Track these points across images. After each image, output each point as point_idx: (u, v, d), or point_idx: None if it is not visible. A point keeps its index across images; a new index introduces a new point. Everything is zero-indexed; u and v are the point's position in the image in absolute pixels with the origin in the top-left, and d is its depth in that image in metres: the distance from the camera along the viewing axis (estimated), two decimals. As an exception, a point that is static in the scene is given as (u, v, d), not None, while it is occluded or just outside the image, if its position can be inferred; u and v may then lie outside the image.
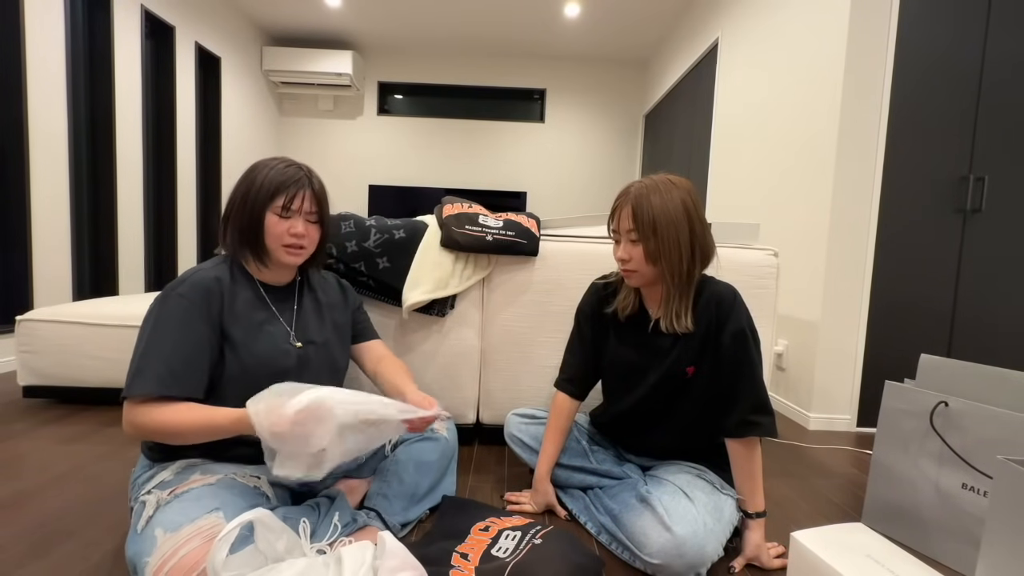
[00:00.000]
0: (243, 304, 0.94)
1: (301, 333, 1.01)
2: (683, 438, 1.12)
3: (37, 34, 2.35)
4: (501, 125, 4.81)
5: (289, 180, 0.93)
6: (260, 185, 0.92)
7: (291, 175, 0.94)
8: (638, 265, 1.01)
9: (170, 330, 0.85)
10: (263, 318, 0.96)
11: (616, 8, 3.71)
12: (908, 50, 1.82)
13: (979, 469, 1.00)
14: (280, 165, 0.95)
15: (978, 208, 1.86)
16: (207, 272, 0.92)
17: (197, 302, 0.88)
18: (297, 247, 0.95)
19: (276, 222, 0.93)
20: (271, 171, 0.93)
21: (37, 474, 1.30)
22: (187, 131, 3.47)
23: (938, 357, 1.16)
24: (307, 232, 0.96)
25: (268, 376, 0.89)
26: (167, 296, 0.87)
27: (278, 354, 0.95)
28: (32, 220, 2.35)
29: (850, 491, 1.40)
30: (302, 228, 0.94)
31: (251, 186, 0.93)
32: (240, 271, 0.97)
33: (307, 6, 3.90)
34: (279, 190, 0.92)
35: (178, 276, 0.91)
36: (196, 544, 0.72)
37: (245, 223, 0.92)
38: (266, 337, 0.95)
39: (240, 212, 0.93)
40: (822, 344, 1.93)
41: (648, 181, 1.01)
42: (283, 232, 0.93)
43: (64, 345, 1.78)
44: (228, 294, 0.92)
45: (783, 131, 2.27)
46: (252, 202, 0.92)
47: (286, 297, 1.02)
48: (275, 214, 0.92)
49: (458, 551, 0.88)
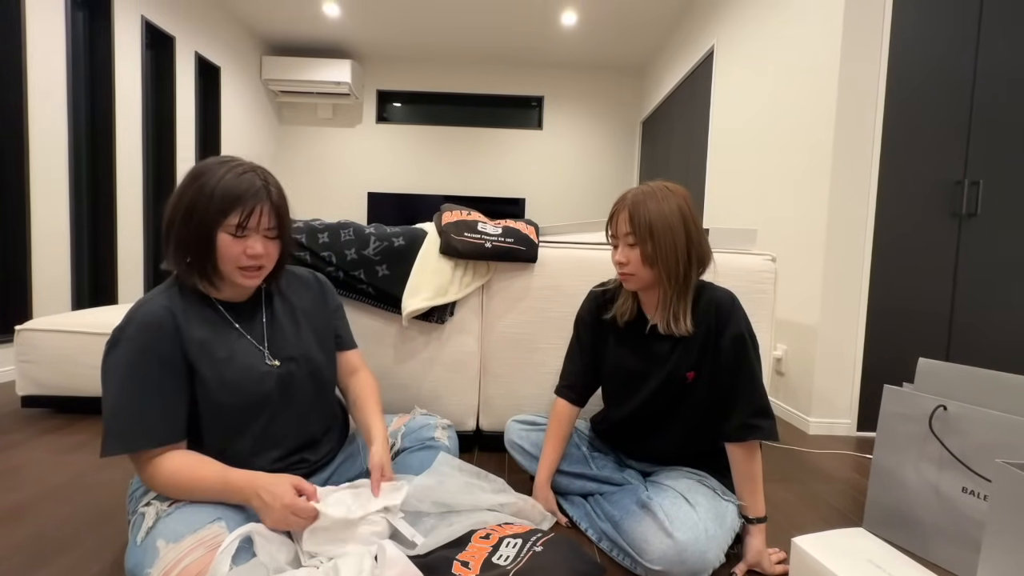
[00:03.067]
0: (203, 332, 0.85)
1: (276, 350, 0.92)
2: (683, 444, 1.12)
3: (38, 44, 2.36)
4: (499, 132, 4.84)
5: (245, 192, 0.80)
6: (210, 195, 0.79)
7: (246, 185, 0.81)
8: (635, 268, 1.02)
9: (125, 382, 0.78)
10: (229, 343, 0.87)
11: (612, 16, 3.74)
12: (902, 56, 1.85)
13: (979, 473, 1.00)
14: (232, 173, 0.81)
15: (973, 212, 1.87)
16: (155, 303, 0.82)
17: (149, 344, 0.79)
18: (255, 268, 0.85)
19: (230, 242, 0.81)
20: (222, 179, 0.80)
21: (35, 485, 1.29)
22: (187, 140, 3.48)
23: (936, 361, 1.17)
24: (266, 250, 0.84)
25: (248, 407, 0.87)
26: (116, 342, 0.80)
27: (253, 381, 0.87)
28: (32, 229, 2.36)
29: (851, 496, 1.39)
30: (260, 248, 0.83)
31: (199, 195, 0.79)
32: (192, 292, 0.87)
33: (306, 16, 3.93)
34: (233, 204, 0.79)
35: (126, 313, 0.82)
36: (199, 554, 0.71)
37: (191, 241, 0.80)
38: (237, 364, 0.86)
39: (185, 227, 0.80)
40: (821, 349, 1.93)
41: (645, 187, 1.02)
42: (239, 254, 0.82)
43: (63, 355, 1.77)
44: (184, 325, 0.83)
45: (780, 137, 2.29)
46: (201, 217, 0.79)
47: (252, 313, 0.93)
48: (228, 233, 0.80)
49: (459, 559, 0.87)
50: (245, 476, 0.81)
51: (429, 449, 1.14)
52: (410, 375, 1.49)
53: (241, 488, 0.80)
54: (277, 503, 0.78)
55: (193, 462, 0.82)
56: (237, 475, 0.81)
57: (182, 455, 0.82)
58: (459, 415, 1.52)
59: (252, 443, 0.89)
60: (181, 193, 0.81)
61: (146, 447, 0.80)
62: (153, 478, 0.80)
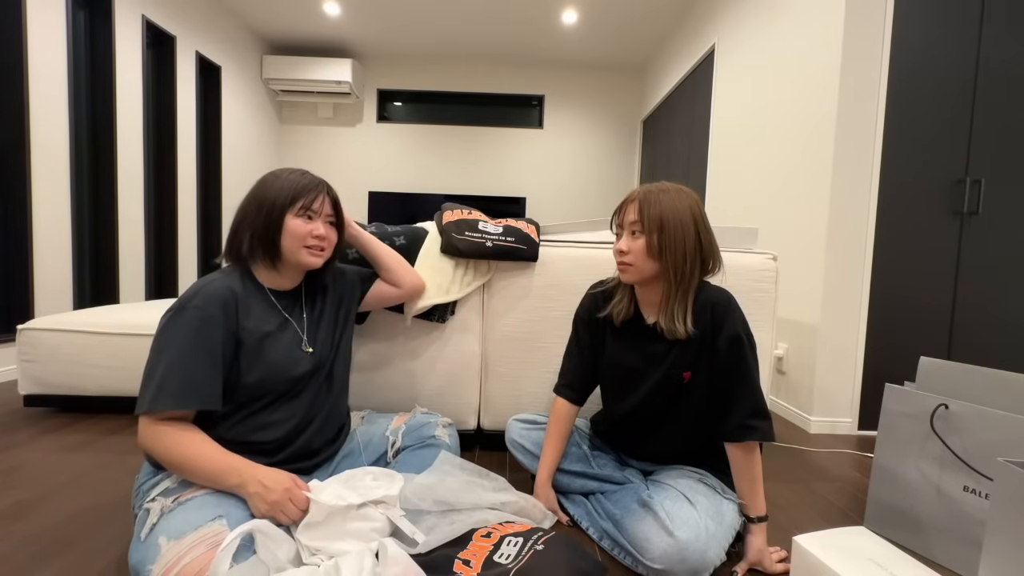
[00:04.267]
0: (257, 313, 0.96)
1: (312, 337, 1.03)
2: (683, 442, 1.12)
3: (39, 44, 2.36)
4: (500, 131, 4.84)
5: (309, 183, 0.97)
6: (278, 190, 0.95)
7: (309, 180, 0.98)
8: (635, 259, 1.01)
9: (187, 344, 0.85)
10: (276, 326, 0.97)
11: (613, 15, 3.74)
12: (903, 54, 1.84)
13: (980, 471, 1.00)
14: (294, 174, 0.98)
15: (975, 211, 1.87)
16: (220, 283, 0.92)
17: (214, 315, 0.88)
18: (319, 248, 0.98)
19: (298, 224, 0.95)
20: (287, 179, 0.96)
21: (38, 483, 1.29)
22: (188, 139, 3.48)
23: (938, 360, 1.17)
24: (327, 234, 0.99)
25: (282, 383, 0.95)
26: (183, 309, 0.87)
27: (291, 362, 0.97)
28: (33, 229, 2.36)
29: (852, 494, 1.39)
30: (324, 230, 0.98)
31: (267, 193, 0.95)
32: (250, 279, 0.98)
33: (307, 15, 3.93)
34: (300, 194, 0.95)
35: (187, 289, 0.91)
36: (199, 552, 0.72)
37: (261, 227, 0.94)
38: (279, 345, 0.96)
39: (256, 217, 0.94)
40: (822, 347, 1.93)
41: (659, 184, 1.03)
42: (306, 234, 0.96)
43: (65, 354, 1.78)
44: (243, 304, 0.93)
45: (781, 135, 2.29)
46: (270, 207, 0.94)
47: (294, 302, 1.04)
48: (297, 216, 0.95)
49: (460, 558, 0.87)
50: (246, 462, 0.86)
51: (430, 447, 1.14)
52: (411, 374, 1.49)
53: (240, 471, 0.84)
54: (279, 487, 0.83)
55: (198, 437, 0.86)
56: (239, 459, 0.86)
57: (190, 428, 0.87)
58: (460, 414, 1.52)
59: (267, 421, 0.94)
60: (251, 197, 0.96)
61: (189, 405, 0.85)
62: (156, 440, 0.84)
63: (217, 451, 0.85)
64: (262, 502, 0.82)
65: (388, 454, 1.13)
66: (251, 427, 0.93)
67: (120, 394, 1.80)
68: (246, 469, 0.84)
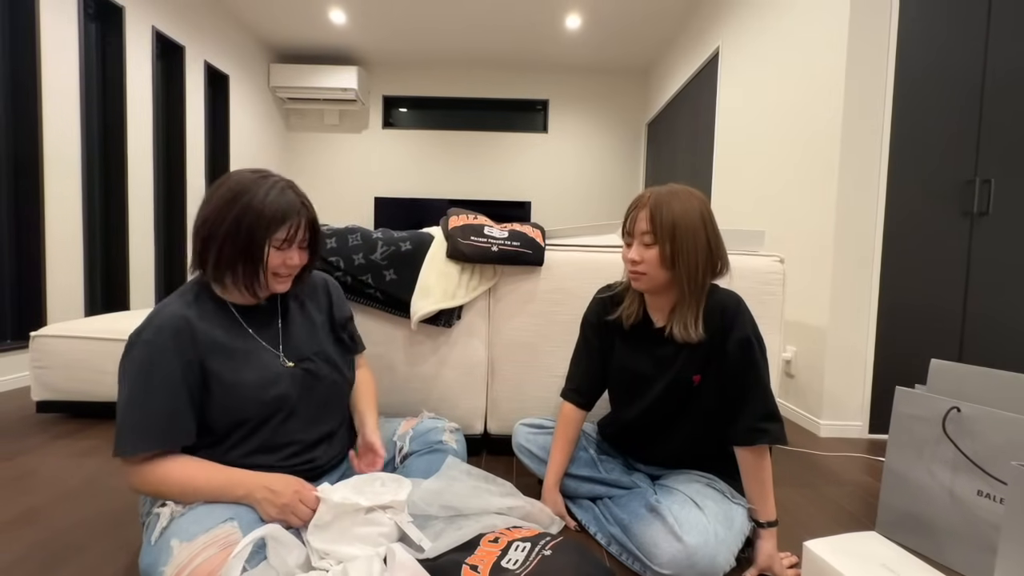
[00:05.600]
0: (220, 335, 0.88)
1: (291, 352, 0.96)
2: (691, 446, 1.11)
3: (52, 55, 2.41)
4: (505, 136, 4.86)
5: (289, 209, 0.87)
6: (259, 213, 0.84)
7: (291, 203, 0.88)
8: (648, 268, 1.01)
9: (139, 383, 0.80)
10: (245, 345, 0.90)
11: (617, 19, 3.75)
12: (909, 55, 1.83)
13: (994, 475, 0.98)
14: (274, 190, 0.87)
15: (985, 211, 1.85)
16: (172, 308, 0.85)
17: (167, 346, 0.82)
18: (286, 277, 0.92)
19: (273, 254, 0.87)
20: (268, 197, 0.86)
21: (50, 488, 1.31)
22: (196, 147, 3.53)
23: (949, 362, 1.16)
24: (301, 261, 0.93)
25: (263, 405, 0.89)
26: (132, 345, 0.82)
27: (268, 381, 0.90)
28: (46, 237, 2.39)
29: (863, 499, 1.38)
30: (298, 259, 0.91)
31: (245, 213, 0.84)
32: (209, 297, 0.91)
33: (313, 23, 3.97)
34: (283, 220, 0.86)
35: (145, 318, 0.85)
36: (211, 552, 0.72)
37: (241, 251, 0.85)
38: (252, 365, 0.89)
39: (233, 242, 0.84)
40: (831, 350, 1.91)
41: (667, 188, 1.01)
42: (279, 264, 0.89)
43: (77, 360, 1.80)
44: (200, 330, 0.86)
45: (786, 138, 2.28)
46: (251, 230, 0.84)
47: (267, 316, 0.96)
48: (274, 247, 0.87)
49: (468, 563, 0.87)
50: (247, 472, 0.85)
51: (437, 453, 1.14)
52: (418, 379, 1.50)
53: (243, 482, 0.83)
54: (287, 490, 0.83)
55: (187, 464, 0.83)
56: (238, 471, 0.85)
57: (174, 458, 0.83)
58: (467, 418, 1.52)
59: (261, 444, 0.90)
60: (223, 209, 0.85)
61: (157, 447, 0.81)
62: (143, 479, 0.80)
63: (212, 470, 0.82)
64: (271, 507, 0.81)
65: (395, 459, 1.13)
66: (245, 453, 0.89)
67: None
68: (248, 479, 0.83)
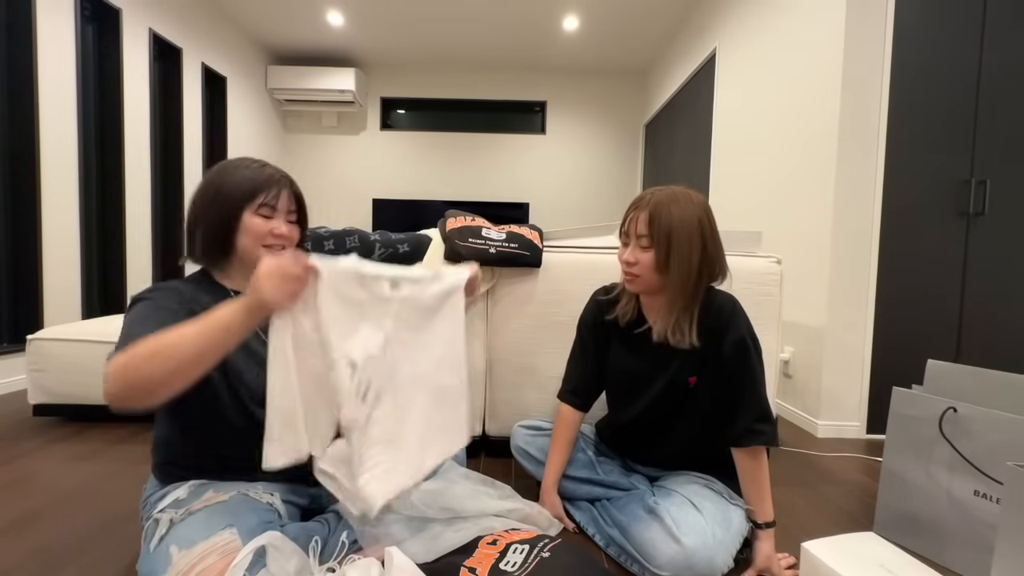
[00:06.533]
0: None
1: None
2: (689, 448, 1.11)
3: (49, 57, 2.40)
4: (502, 137, 4.86)
5: (269, 178, 0.89)
6: (236, 183, 0.86)
7: (271, 173, 0.89)
8: (642, 271, 1.01)
9: (148, 319, 0.77)
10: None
11: (614, 20, 3.75)
12: (905, 55, 1.84)
13: (990, 475, 0.99)
14: (254, 165, 0.89)
15: (981, 211, 1.86)
16: (172, 283, 0.88)
17: (167, 299, 0.83)
18: (279, 248, 0.90)
19: (259, 223, 0.87)
20: (246, 170, 0.88)
21: (47, 492, 1.30)
22: (194, 149, 3.52)
23: (946, 362, 1.16)
24: (289, 233, 0.91)
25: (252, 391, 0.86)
26: (135, 301, 0.83)
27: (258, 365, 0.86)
28: (43, 239, 2.39)
29: (861, 499, 1.38)
30: (285, 229, 0.90)
31: (224, 182, 0.87)
32: (210, 283, 0.92)
33: (311, 25, 3.97)
34: (260, 188, 0.87)
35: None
36: (211, 561, 0.72)
37: (214, 222, 0.86)
38: (244, 352, 0.87)
39: (212, 209, 0.86)
40: (828, 350, 1.92)
41: (668, 191, 1.00)
42: (265, 232, 0.88)
43: (74, 363, 1.79)
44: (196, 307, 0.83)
45: (783, 138, 2.28)
46: (225, 200, 0.86)
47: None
48: (256, 214, 0.87)
49: (466, 566, 0.87)
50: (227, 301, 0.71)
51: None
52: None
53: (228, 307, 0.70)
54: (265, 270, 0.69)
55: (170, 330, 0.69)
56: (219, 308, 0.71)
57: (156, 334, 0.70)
58: (465, 420, 1.52)
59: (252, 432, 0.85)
60: (206, 184, 0.88)
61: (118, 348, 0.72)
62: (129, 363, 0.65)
63: (195, 321, 0.69)
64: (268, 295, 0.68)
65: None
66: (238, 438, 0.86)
67: (128, 403, 1.82)
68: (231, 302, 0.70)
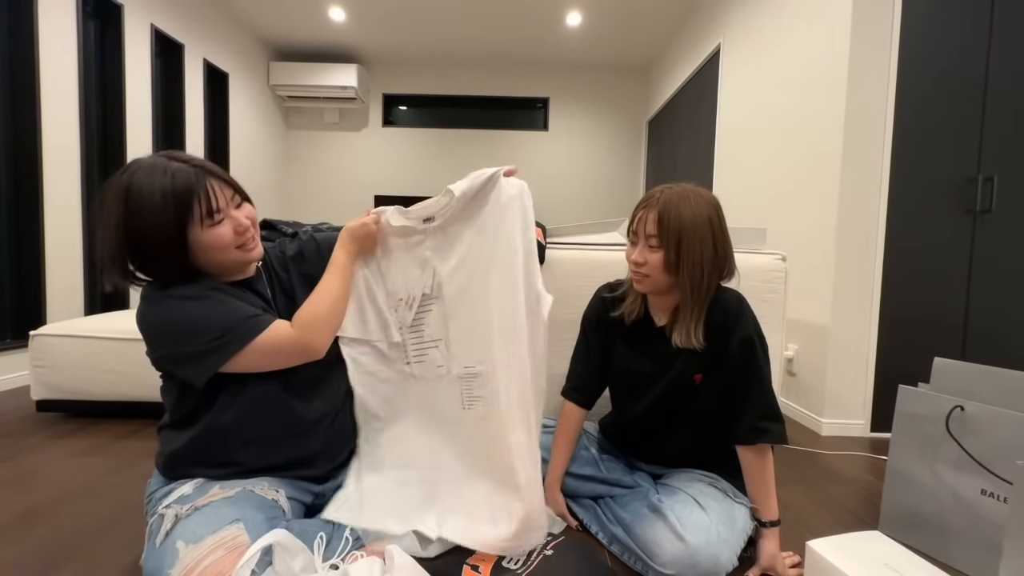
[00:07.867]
0: None
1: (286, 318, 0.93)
2: (693, 446, 1.11)
3: (50, 53, 2.40)
4: (505, 134, 4.85)
5: (187, 183, 0.78)
6: (159, 203, 0.76)
7: (184, 178, 0.78)
8: (651, 271, 1.00)
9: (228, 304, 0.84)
10: None
11: (617, 16, 3.73)
12: (912, 51, 1.82)
13: (998, 475, 0.98)
14: (159, 171, 0.77)
15: (988, 209, 1.84)
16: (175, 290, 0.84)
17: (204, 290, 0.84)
18: (251, 239, 0.87)
19: (212, 235, 0.80)
20: (158, 183, 0.76)
21: (51, 488, 1.31)
22: (196, 146, 3.52)
23: (952, 360, 1.15)
24: (249, 216, 0.86)
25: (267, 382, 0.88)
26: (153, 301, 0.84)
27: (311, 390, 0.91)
28: (45, 235, 2.39)
29: (866, 498, 1.37)
30: (243, 217, 0.84)
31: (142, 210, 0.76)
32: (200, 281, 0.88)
33: (313, 21, 3.96)
34: (185, 201, 0.77)
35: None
36: (219, 555, 0.71)
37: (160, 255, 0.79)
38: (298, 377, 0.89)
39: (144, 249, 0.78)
40: (833, 348, 1.91)
41: (678, 189, 0.99)
42: (229, 241, 0.82)
43: (77, 359, 1.80)
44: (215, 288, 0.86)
45: (788, 135, 2.27)
46: (157, 227, 0.76)
47: (257, 289, 0.94)
48: (203, 228, 0.80)
49: (469, 563, 0.87)
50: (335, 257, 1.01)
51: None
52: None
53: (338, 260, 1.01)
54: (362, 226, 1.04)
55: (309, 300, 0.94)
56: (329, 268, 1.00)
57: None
58: (468, 417, 1.52)
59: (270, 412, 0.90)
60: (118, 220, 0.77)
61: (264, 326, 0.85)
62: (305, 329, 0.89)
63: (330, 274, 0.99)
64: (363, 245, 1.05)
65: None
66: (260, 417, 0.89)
67: (131, 399, 1.82)
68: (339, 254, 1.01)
